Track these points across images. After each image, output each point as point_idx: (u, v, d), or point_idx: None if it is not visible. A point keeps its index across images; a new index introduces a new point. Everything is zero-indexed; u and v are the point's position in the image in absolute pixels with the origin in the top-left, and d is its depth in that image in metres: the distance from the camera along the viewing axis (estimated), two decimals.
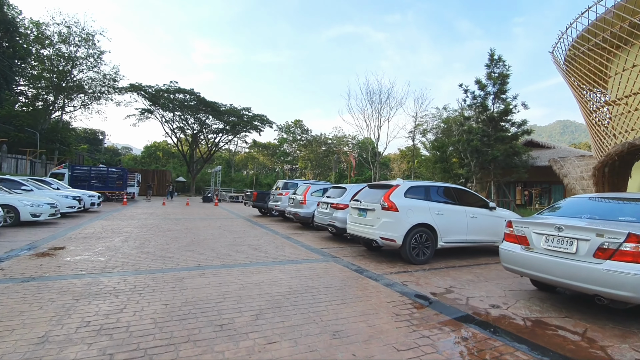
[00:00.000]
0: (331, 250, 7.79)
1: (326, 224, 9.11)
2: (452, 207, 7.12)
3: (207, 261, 6.22)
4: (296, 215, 11.54)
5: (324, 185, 12.32)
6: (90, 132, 72.45)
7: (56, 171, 24.31)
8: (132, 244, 7.75)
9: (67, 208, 12.83)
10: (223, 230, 10.69)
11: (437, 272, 6.02)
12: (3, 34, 33.18)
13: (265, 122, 46.49)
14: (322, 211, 9.53)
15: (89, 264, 5.71)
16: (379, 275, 5.59)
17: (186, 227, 11.14)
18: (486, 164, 15.82)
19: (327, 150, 65.98)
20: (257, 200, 16.23)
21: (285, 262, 6.35)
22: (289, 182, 14.61)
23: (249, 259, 6.56)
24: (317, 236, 10.11)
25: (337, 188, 9.87)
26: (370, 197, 7.12)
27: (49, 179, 15.39)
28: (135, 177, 30.09)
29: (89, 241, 7.90)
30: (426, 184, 7.21)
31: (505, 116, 16.30)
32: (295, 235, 10.21)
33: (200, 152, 47.18)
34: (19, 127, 28.18)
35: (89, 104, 39.23)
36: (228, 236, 9.52)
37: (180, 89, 39.52)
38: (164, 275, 5.11)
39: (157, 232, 9.86)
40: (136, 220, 12.69)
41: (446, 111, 27.60)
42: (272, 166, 77.53)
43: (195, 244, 8.08)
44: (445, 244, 6.89)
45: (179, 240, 8.44)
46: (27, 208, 10.10)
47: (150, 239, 8.46)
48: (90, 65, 36.60)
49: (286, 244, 8.57)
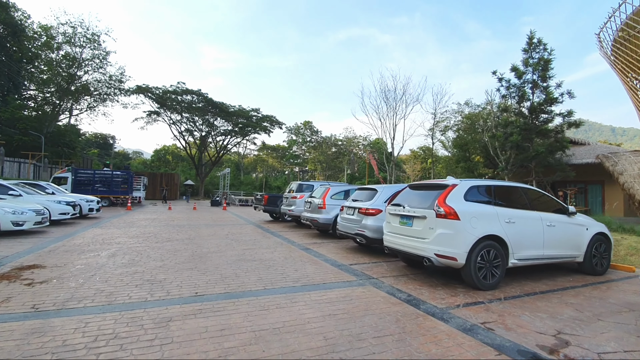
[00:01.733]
0: (363, 268, 6.23)
1: (353, 234, 7.56)
2: (524, 213, 5.49)
3: (208, 286, 4.73)
4: (314, 221, 10.02)
5: (345, 187, 10.78)
6: (100, 136, 72.58)
7: (59, 175, 23.34)
8: (120, 260, 6.33)
9: (60, 215, 11.56)
10: (231, 240, 9.23)
11: (519, 303, 4.41)
12: (11, 38, 32.73)
13: (274, 123, 45.26)
14: (347, 217, 7.98)
15: (52, 292, 4.29)
16: (443, 311, 4.01)
17: (189, 236, 9.73)
18: (528, 161, 14.03)
19: (337, 152, 64.48)
20: (269, 204, 14.78)
21: (310, 288, 4.82)
22: (303, 184, 13.12)
23: (262, 282, 5.05)
24: (341, 247, 8.56)
25: (365, 190, 8.31)
26: (416, 200, 5.54)
27: (43, 183, 14.22)
28: (142, 180, 29.01)
29: (69, 256, 6.51)
30: (490, 183, 5.60)
31: (549, 106, 14.48)
32: (315, 245, 8.68)
33: (208, 155, 46.20)
34: (23, 130, 27.41)
35: (95, 106, 38.52)
36: (236, 248, 8.04)
37: (187, 90, 38.56)
38: (145, 314, 3.63)
39: (153, 242, 8.45)
40: (134, 228, 11.35)
41: (468, 107, 25.81)
42: (281, 169, 76.37)
43: (196, 259, 6.61)
44: (517, 261, 5.27)
45: (177, 255, 6.99)
46: (8, 216, 8.81)
47: (143, 253, 7.03)
48: (96, 66, 35.89)
49: (306, 258, 7.05)
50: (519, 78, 15.35)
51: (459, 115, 26.03)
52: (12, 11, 32.62)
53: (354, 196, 8.40)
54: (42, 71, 36.05)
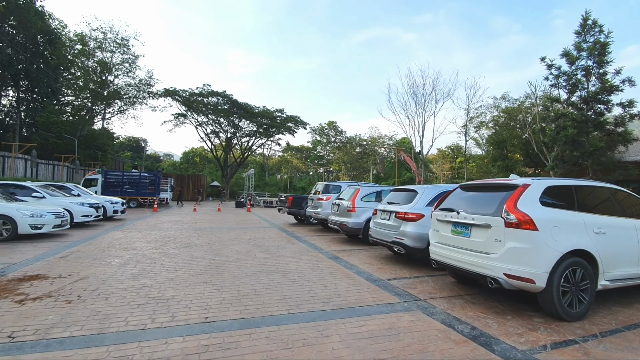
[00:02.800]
0: (405, 284, 5.23)
1: (389, 242, 6.56)
2: (616, 221, 4.31)
3: (221, 308, 3.93)
4: (343, 226, 9.09)
5: (376, 187, 9.77)
6: (133, 140, 75.49)
7: (90, 177, 23.87)
8: (130, 270, 5.71)
9: (82, 217, 11.35)
10: (252, 246, 8.50)
11: (623, 342, 3.28)
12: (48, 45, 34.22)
13: (298, 123, 44.75)
14: (382, 223, 6.99)
15: (40, 314, 3.65)
16: (526, 355, 2.97)
17: (209, 241, 9.10)
18: (585, 158, 12.32)
19: (362, 152, 63.17)
20: (293, 206, 14.01)
21: (344, 313, 3.91)
22: (330, 185, 12.23)
23: (285, 303, 4.20)
24: (374, 255, 7.58)
25: (402, 191, 7.28)
26: (474, 205, 4.49)
27: (69, 185, 14.23)
28: (169, 182, 29.29)
29: (78, 265, 5.98)
30: (571, 182, 4.44)
31: (607, 95, 12.70)
32: (345, 254, 7.76)
33: (234, 156, 46.45)
34: (58, 133, 28.40)
35: (125, 110, 39.61)
36: (258, 255, 7.27)
37: (213, 92, 38.82)
38: (138, 351, 2.86)
39: (171, 248, 7.86)
40: (155, 231, 10.91)
41: (505, 101, 23.86)
42: (306, 169, 75.99)
43: (212, 269, 5.88)
44: (609, 283, 4.10)
45: (193, 264, 6.30)
46: (26, 219, 8.55)
47: (157, 261, 6.41)
48: (125, 70, 36.82)
49: (336, 269, 6.14)
50: (572, 64, 13.64)
51: (496, 109, 24.11)
52: (48, 19, 33.99)
53: (389, 198, 7.39)
54: (77, 78, 37.50)
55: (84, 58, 36.19)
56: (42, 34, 32.97)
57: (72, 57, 36.28)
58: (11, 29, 31.74)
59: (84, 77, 36.53)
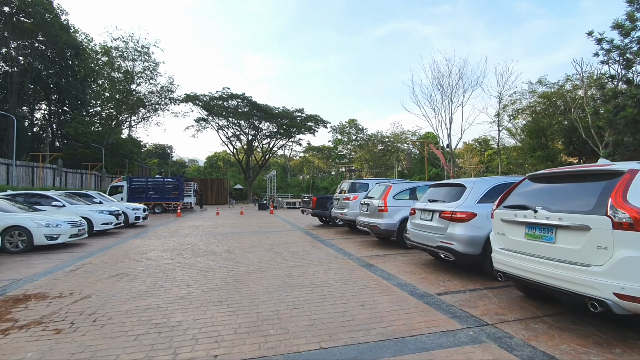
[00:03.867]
0: (460, 301, 4.24)
1: (433, 246, 5.56)
2: None
3: (235, 341, 3.13)
4: (374, 227, 8.14)
5: (411, 184, 8.74)
6: (159, 147, 77.71)
7: (116, 184, 24.14)
8: (138, 286, 5.05)
9: (102, 225, 11.05)
10: (275, 253, 7.72)
11: None
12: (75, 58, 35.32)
13: (319, 122, 44.06)
14: (423, 224, 5.99)
15: (18, 349, 2.99)
16: None
17: (228, 248, 8.42)
18: None
19: (384, 149, 61.53)
20: (317, 207, 13.18)
21: (394, 347, 2.99)
22: (356, 183, 11.29)
23: (315, 331, 3.34)
24: (413, 262, 6.59)
25: (445, 186, 6.25)
26: (558, 200, 3.45)
27: (92, 193, 14.12)
28: (191, 186, 29.31)
29: (85, 280, 5.42)
30: None
31: None
32: (379, 260, 6.81)
33: (255, 159, 46.40)
34: (86, 143, 29.13)
35: (148, 117, 40.32)
36: (281, 264, 6.48)
37: (232, 95, 38.82)
38: None
39: (187, 257, 7.22)
40: (175, 238, 10.41)
41: (542, 85, 21.87)
42: (327, 169, 75.18)
43: (229, 284, 5.13)
44: None
45: (209, 277, 5.58)
46: (41, 229, 8.20)
47: (170, 274, 5.74)
48: (147, 77, 37.41)
49: (371, 280, 5.22)
50: (626, 36, 11.95)
51: (532, 95, 22.17)
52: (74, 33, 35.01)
53: (429, 195, 6.38)
54: (104, 89, 38.50)
55: (109, 69, 37.04)
56: (69, 48, 34.04)
57: (99, 68, 37.28)
58: (41, 44, 33.05)
59: (110, 88, 37.45)
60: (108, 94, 38.01)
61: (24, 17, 30.12)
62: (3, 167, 18.84)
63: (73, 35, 34.28)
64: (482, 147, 64.81)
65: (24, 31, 29.94)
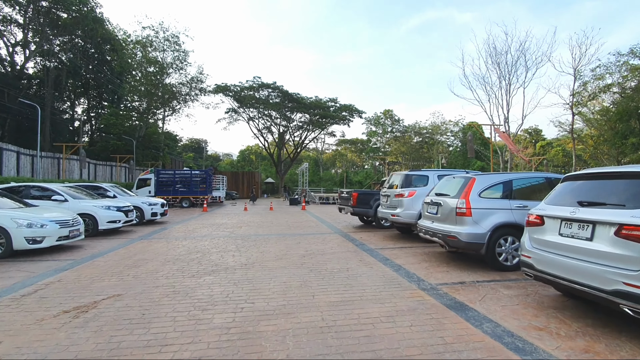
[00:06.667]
0: None
1: (606, 291, 3.01)
2: None
3: None
4: (451, 238, 5.65)
5: (502, 175, 6.08)
6: (194, 141, 78.92)
7: (144, 177, 23.34)
8: (83, 343, 3.04)
9: (108, 224, 9.48)
10: (308, 271, 5.51)
11: None
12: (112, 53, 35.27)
13: (354, 112, 41.39)
14: (568, 244, 3.44)
15: None
16: None
17: (246, 261, 6.34)
18: None
19: (422, 141, 57.48)
20: (359, 204, 10.83)
21: None
22: (412, 175, 8.78)
23: None
24: (536, 300, 4.08)
25: (605, 178, 3.63)
26: None
27: (106, 185, 12.77)
28: (221, 180, 28.06)
29: (23, 317, 3.52)
30: None
31: None
32: (470, 293, 4.36)
33: (287, 152, 44.75)
34: (117, 135, 28.80)
35: (179, 109, 39.79)
36: (317, 295, 4.24)
37: (263, 84, 37.22)
38: None
39: (187, 277, 5.21)
40: (187, 242, 8.57)
41: (635, 56, 17.62)
42: (361, 163, 72.29)
43: (230, 346, 2.96)
44: None
45: (202, 324, 3.45)
46: (22, 230, 6.61)
47: (150, 311, 3.70)
48: (177, 67, 36.65)
49: (480, 342, 2.81)
50: None
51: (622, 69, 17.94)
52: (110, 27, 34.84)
53: (570, 192, 3.79)
54: (140, 83, 38.31)
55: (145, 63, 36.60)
56: (104, 41, 33.98)
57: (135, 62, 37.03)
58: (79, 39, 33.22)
59: (145, 81, 37.12)
60: (143, 88, 37.81)
61: (61, 12, 30.20)
62: (28, 158, 18.42)
63: (107, 28, 34.12)
64: (532, 138, 58.62)
65: (65, 27, 30.00)
